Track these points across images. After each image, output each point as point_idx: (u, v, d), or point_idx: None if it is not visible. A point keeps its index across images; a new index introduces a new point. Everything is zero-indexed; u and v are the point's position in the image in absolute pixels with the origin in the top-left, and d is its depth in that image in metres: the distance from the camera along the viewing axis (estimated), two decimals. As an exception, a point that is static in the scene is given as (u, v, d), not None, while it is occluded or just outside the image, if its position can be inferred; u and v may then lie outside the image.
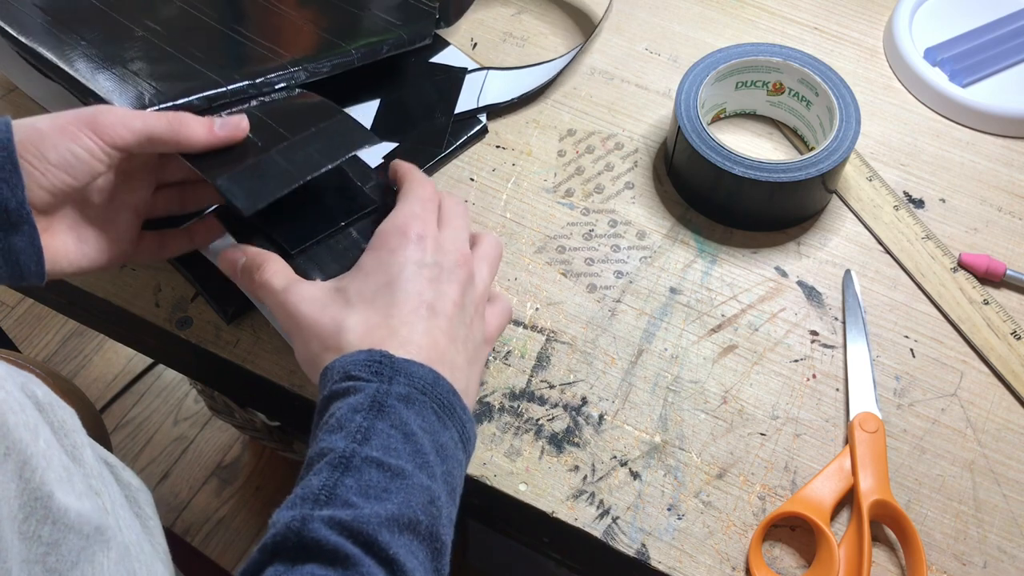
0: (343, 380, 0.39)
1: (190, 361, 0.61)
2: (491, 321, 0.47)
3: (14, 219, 0.41)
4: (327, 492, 0.35)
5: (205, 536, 1.29)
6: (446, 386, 0.40)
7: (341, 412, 0.38)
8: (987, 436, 0.53)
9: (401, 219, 0.45)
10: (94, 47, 0.54)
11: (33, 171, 0.42)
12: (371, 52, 0.60)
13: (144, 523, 0.51)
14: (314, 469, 0.37)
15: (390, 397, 0.38)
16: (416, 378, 0.39)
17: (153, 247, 0.51)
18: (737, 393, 0.54)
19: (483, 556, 1.13)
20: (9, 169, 0.41)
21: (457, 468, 0.40)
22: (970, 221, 0.61)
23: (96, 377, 1.43)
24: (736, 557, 0.49)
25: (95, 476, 0.46)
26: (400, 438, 0.37)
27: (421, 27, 0.63)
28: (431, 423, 0.39)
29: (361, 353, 0.40)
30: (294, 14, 0.61)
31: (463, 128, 0.64)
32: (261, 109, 0.52)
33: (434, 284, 0.43)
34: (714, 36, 0.72)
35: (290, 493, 0.37)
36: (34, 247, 0.43)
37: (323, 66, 0.57)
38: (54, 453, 0.42)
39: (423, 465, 0.37)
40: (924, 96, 0.68)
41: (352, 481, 0.36)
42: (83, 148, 0.43)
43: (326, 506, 0.35)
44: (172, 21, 0.58)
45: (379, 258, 0.44)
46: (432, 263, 0.44)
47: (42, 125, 0.43)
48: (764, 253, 0.60)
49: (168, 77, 0.52)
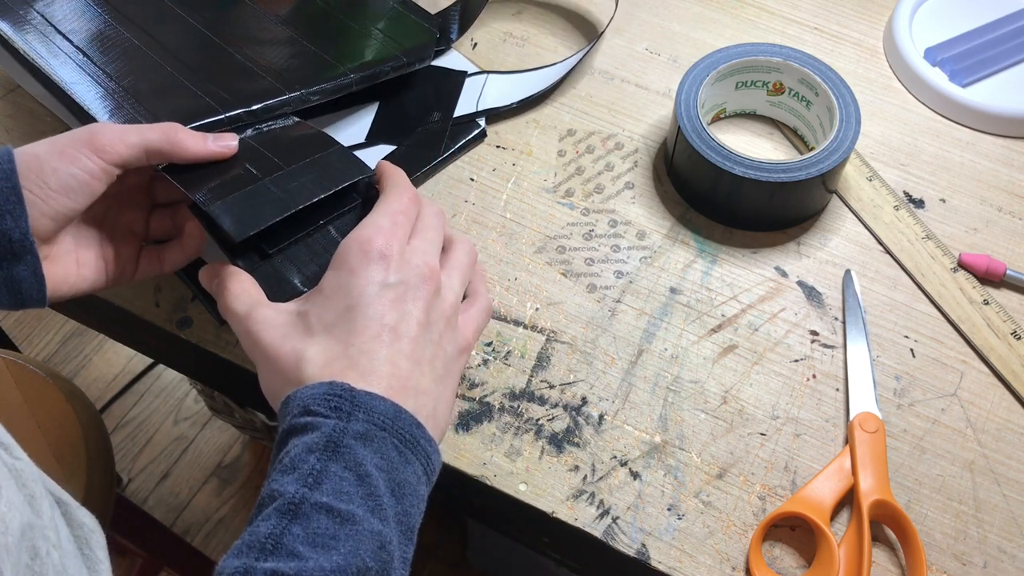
0: (302, 415, 0.38)
1: (190, 361, 0.62)
2: (467, 327, 0.46)
3: (17, 249, 0.42)
4: (273, 540, 0.34)
5: (205, 536, 1.29)
6: (408, 419, 0.39)
7: (296, 451, 0.37)
8: (987, 436, 0.53)
9: (365, 234, 0.43)
10: (94, 64, 0.54)
11: (35, 199, 0.43)
12: (370, 76, 0.59)
13: (94, 566, 0.50)
14: (263, 514, 0.36)
15: (347, 436, 0.37)
16: (376, 413, 0.38)
17: (154, 265, 0.51)
18: (737, 393, 0.54)
19: (483, 556, 1.13)
20: (13, 200, 0.41)
21: (416, 505, 0.39)
22: (970, 221, 0.61)
23: (96, 377, 1.44)
24: (736, 557, 0.49)
25: (50, 528, 0.45)
26: (353, 480, 0.37)
27: (421, 48, 0.63)
28: (390, 460, 0.38)
29: (321, 386, 0.39)
30: (292, 37, 0.60)
31: (462, 132, 0.64)
32: (257, 138, 0.52)
33: (397, 305, 0.42)
34: (714, 36, 0.72)
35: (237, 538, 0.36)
36: (36, 276, 0.43)
37: (320, 92, 0.57)
38: (14, 516, 0.40)
39: (375, 508, 0.37)
40: (924, 96, 0.68)
41: (299, 529, 0.35)
42: (82, 169, 0.43)
43: (272, 556, 0.34)
44: (174, 41, 0.57)
45: (339, 280, 0.43)
46: (395, 282, 0.42)
47: (41, 151, 0.43)
48: (764, 253, 0.60)
49: (165, 104, 0.52)
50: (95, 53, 0.55)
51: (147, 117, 0.51)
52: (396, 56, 0.61)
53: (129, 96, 0.52)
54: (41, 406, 0.79)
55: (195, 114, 0.51)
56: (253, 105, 0.53)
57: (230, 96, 0.53)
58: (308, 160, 0.49)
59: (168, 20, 0.59)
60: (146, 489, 1.33)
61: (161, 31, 0.58)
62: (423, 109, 0.64)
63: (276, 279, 0.47)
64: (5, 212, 0.41)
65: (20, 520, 0.43)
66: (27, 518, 0.43)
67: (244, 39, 0.59)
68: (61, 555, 0.46)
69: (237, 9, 0.61)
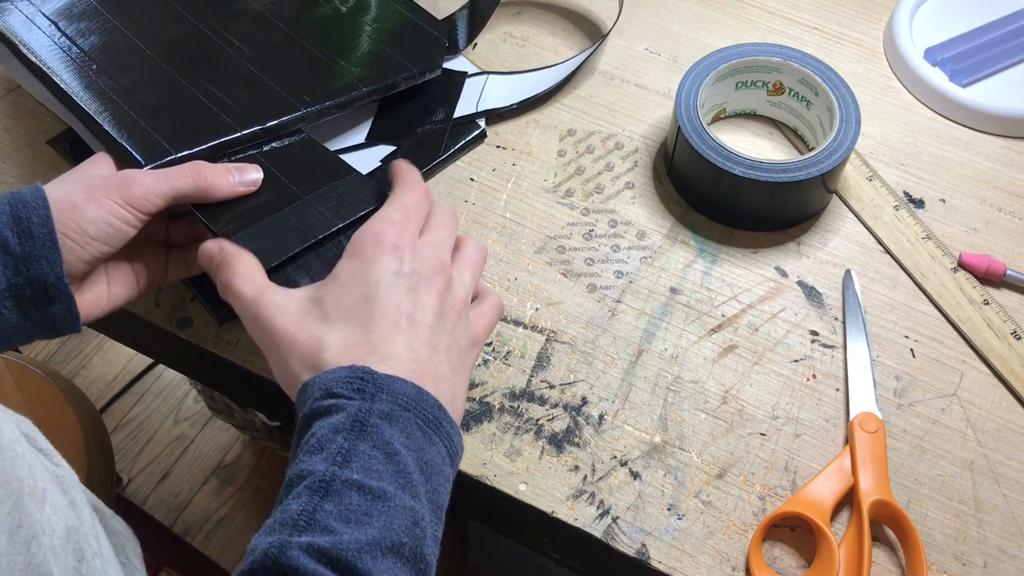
0: (324, 398, 0.38)
1: (190, 361, 0.62)
2: (477, 323, 0.46)
3: (53, 292, 0.43)
4: (306, 517, 0.34)
5: (205, 536, 1.29)
6: (430, 400, 0.39)
7: (322, 432, 0.37)
8: (987, 436, 0.53)
9: (378, 226, 0.44)
10: (108, 76, 0.54)
11: (74, 246, 0.44)
12: (383, 88, 0.59)
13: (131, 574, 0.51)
14: (293, 492, 0.36)
15: (372, 416, 0.37)
16: (399, 394, 0.38)
17: (182, 268, 0.52)
18: (737, 393, 0.54)
19: (483, 556, 1.13)
20: (49, 246, 0.43)
21: (443, 484, 0.39)
22: (970, 221, 0.61)
23: (96, 377, 1.43)
24: (736, 557, 0.49)
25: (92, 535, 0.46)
26: (382, 459, 0.37)
27: (431, 58, 0.62)
28: (416, 440, 0.38)
29: (342, 369, 0.39)
30: (303, 48, 0.60)
31: (461, 132, 0.64)
32: (273, 160, 0.52)
33: (412, 294, 0.42)
34: (714, 36, 0.72)
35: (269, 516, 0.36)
36: (71, 313, 0.45)
37: (334, 107, 0.57)
38: (60, 519, 0.42)
39: (406, 485, 0.37)
40: (924, 96, 0.68)
41: (332, 506, 0.35)
42: (119, 219, 0.45)
43: (305, 532, 0.34)
44: (187, 51, 0.57)
45: (355, 268, 0.43)
46: (409, 272, 0.43)
47: (77, 199, 0.44)
48: (764, 253, 0.60)
49: (181, 121, 0.52)
50: (107, 65, 0.55)
51: (163, 135, 0.51)
52: (407, 67, 0.61)
53: (145, 113, 0.52)
54: (41, 406, 0.79)
55: (211, 132, 0.52)
56: (268, 122, 0.54)
57: (244, 111, 0.54)
58: (326, 188, 0.50)
59: (180, 29, 0.59)
60: (146, 489, 1.33)
61: (175, 44, 0.58)
62: (423, 110, 0.64)
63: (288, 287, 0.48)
64: (41, 258, 0.43)
65: (65, 523, 0.43)
66: (71, 522, 0.43)
67: (255, 49, 0.59)
68: (103, 563, 0.46)
69: (248, 16, 0.61)
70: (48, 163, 0.64)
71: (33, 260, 0.42)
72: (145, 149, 0.50)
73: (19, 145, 0.65)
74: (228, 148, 0.52)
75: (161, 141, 0.51)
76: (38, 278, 0.43)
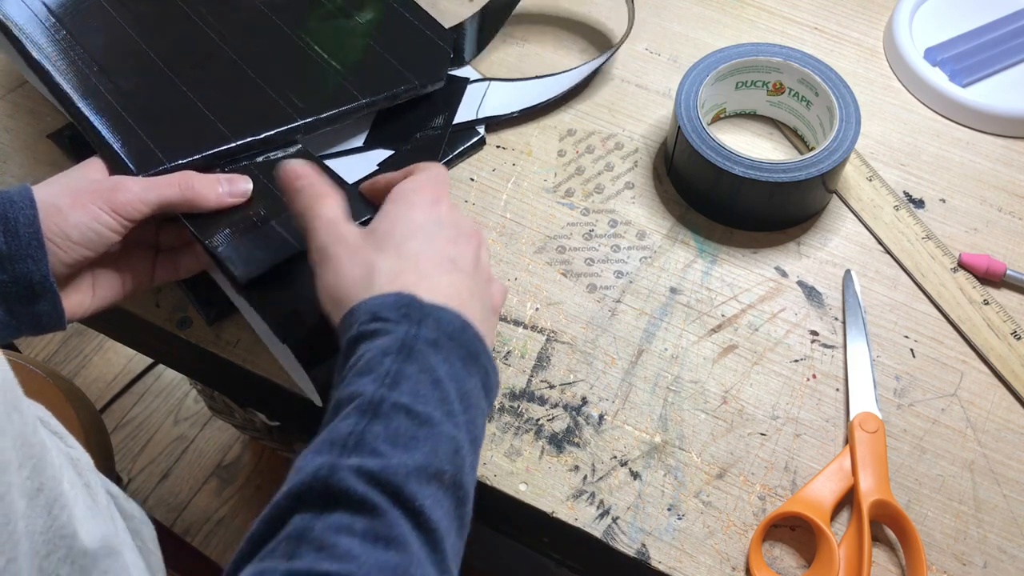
0: (371, 321, 0.39)
1: (190, 361, 0.62)
2: (496, 295, 0.47)
3: (38, 291, 0.45)
4: (355, 439, 0.35)
5: (205, 536, 1.29)
6: (473, 333, 0.40)
7: (371, 354, 0.38)
8: (987, 436, 0.53)
9: (419, 183, 0.45)
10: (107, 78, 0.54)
11: (56, 250, 0.45)
12: (384, 99, 0.59)
13: (147, 558, 0.51)
14: (342, 413, 0.37)
15: (419, 341, 0.38)
16: (444, 323, 0.39)
17: (170, 271, 0.53)
18: (737, 393, 0.54)
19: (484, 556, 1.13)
20: (35, 246, 0.44)
21: (480, 417, 0.40)
22: (970, 221, 0.61)
23: (96, 377, 1.43)
24: (736, 557, 0.49)
25: (107, 516, 0.46)
26: (428, 384, 0.37)
27: (435, 70, 0.62)
28: (457, 370, 0.39)
29: (390, 296, 0.40)
30: (305, 54, 0.59)
31: (460, 138, 0.64)
32: (264, 171, 0.52)
33: (452, 243, 0.43)
34: (714, 36, 0.72)
35: None
36: (56, 310, 0.46)
37: (332, 118, 0.56)
38: (79, 492, 0.42)
39: (449, 413, 0.37)
40: (924, 96, 0.68)
41: (380, 428, 0.35)
42: (102, 224, 0.46)
43: (354, 453, 0.35)
44: (190, 53, 0.57)
45: (398, 212, 0.44)
46: (449, 224, 0.44)
47: (62, 203, 0.45)
48: (764, 253, 0.60)
49: (176, 129, 0.52)
50: (108, 65, 0.55)
51: (158, 143, 0.51)
52: (409, 79, 0.60)
53: (142, 118, 0.52)
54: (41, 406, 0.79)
55: (206, 142, 0.52)
56: (263, 132, 0.53)
57: (240, 119, 0.53)
58: None
59: (184, 29, 0.58)
60: (146, 489, 1.33)
61: (178, 44, 0.57)
62: (423, 115, 0.63)
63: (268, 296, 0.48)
64: (27, 257, 0.44)
65: (83, 503, 0.43)
66: (86, 503, 0.44)
67: (256, 53, 0.58)
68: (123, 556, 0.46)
69: (251, 18, 0.61)
70: (49, 162, 0.64)
71: (19, 259, 0.43)
72: (138, 157, 0.50)
73: (19, 145, 0.65)
74: (222, 158, 0.52)
75: (155, 150, 0.51)
76: (24, 276, 0.44)
